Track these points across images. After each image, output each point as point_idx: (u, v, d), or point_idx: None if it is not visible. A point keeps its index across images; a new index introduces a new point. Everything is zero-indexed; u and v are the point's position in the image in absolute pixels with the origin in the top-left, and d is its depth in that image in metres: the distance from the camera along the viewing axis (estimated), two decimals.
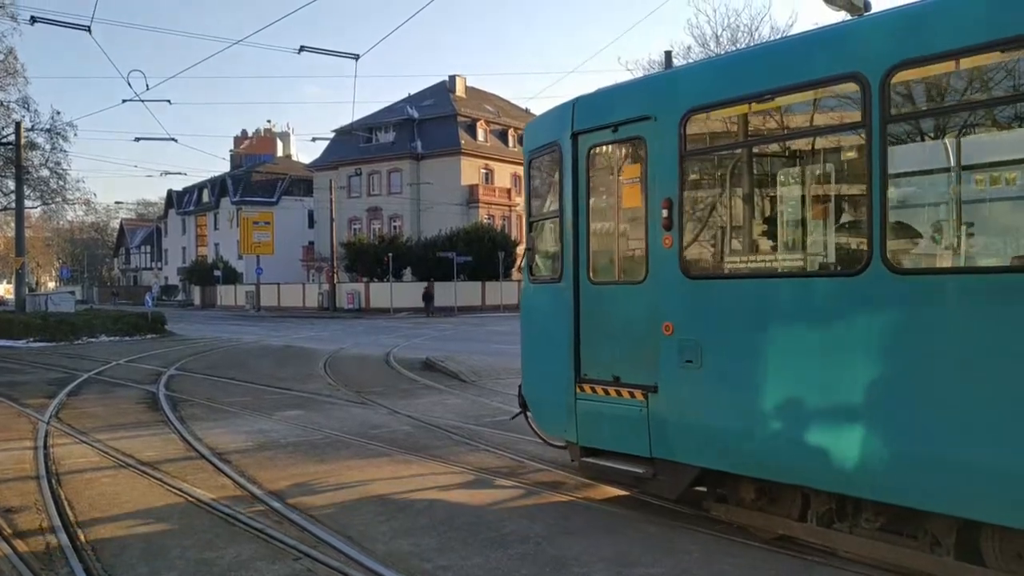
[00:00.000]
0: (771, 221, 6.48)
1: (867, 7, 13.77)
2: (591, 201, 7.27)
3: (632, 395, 6.76)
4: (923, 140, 5.59)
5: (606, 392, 7.03)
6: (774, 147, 6.65)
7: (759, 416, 5.84)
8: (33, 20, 18.46)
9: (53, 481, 8.21)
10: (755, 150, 6.63)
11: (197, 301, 74.83)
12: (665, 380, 6.48)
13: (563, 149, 7.39)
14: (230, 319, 49.91)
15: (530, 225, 8.27)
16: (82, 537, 6.45)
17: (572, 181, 7.28)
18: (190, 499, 7.52)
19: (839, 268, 5.73)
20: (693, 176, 6.66)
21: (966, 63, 4.95)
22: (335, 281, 55.45)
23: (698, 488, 6.71)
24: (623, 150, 7.14)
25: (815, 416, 5.50)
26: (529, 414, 8.39)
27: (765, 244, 6.39)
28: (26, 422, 11.96)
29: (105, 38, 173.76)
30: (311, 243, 72.08)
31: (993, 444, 4.60)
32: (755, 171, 6.57)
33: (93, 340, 29.54)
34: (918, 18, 5.14)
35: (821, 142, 6.17)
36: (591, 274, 7.24)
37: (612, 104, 7.15)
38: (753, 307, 5.99)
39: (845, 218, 5.98)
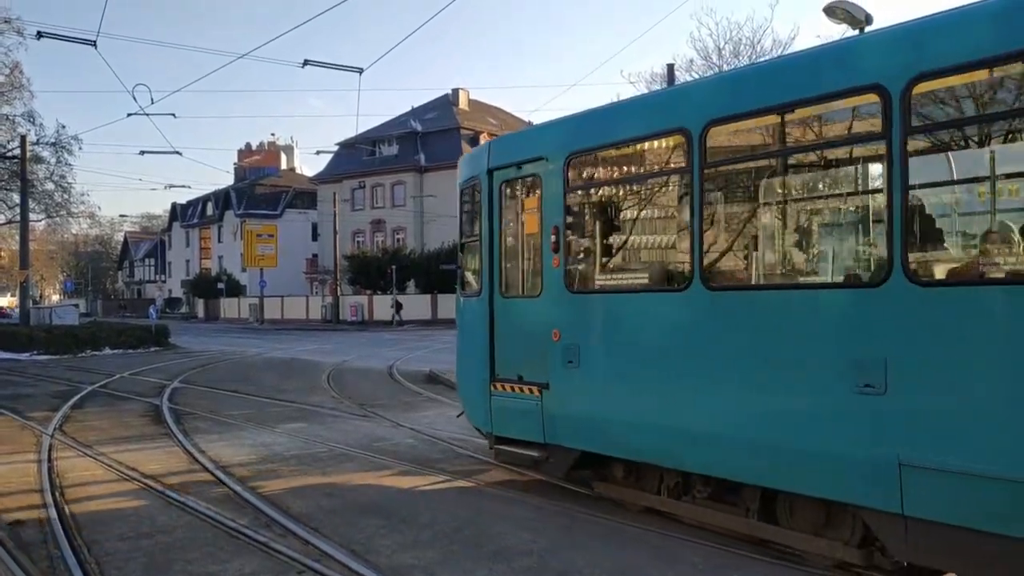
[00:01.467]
0: (623, 247, 8.00)
1: (868, 20, 13.85)
2: (503, 227, 8.66)
3: (531, 391, 8.04)
4: (725, 185, 7.04)
5: (512, 389, 8.34)
6: (628, 186, 8.09)
7: (620, 406, 7.15)
8: (39, 35, 18.55)
9: (57, 494, 8.22)
10: (616, 188, 8.05)
11: (201, 314, 74.91)
12: (553, 378, 7.77)
13: (482, 183, 8.74)
14: (234, 332, 49.95)
15: (461, 247, 9.56)
16: (86, 551, 6.45)
17: (488, 210, 8.67)
18: (194, 512, 7.52)
19: (672, 285, 7.06)
20: (574, 208, 7.96)
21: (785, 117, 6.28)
22: (339, 293, 55.50)
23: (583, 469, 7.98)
24: (525, 185, 8.44)
25: (657, 406, 6.79)
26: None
27: (621, 265, 7.96)
28: (30, 435, 11.98)
29: (111, 53, 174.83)
30: (315, 256, 72.19)
31: (775, 429, 5.90)
32: (617, 205, 8.08)
33: (97, 353, 29.62)
34: (733, 82, 6.94)
35: (655, 185, 7.85)
36: (502, 289, 8.60)
37: (518, 146, 8.61)
38: (613, 316, 7.37)
39: (674, 245, 7.47)
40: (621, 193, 8.07)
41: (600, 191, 8.07)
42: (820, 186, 6.65)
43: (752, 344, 6.09)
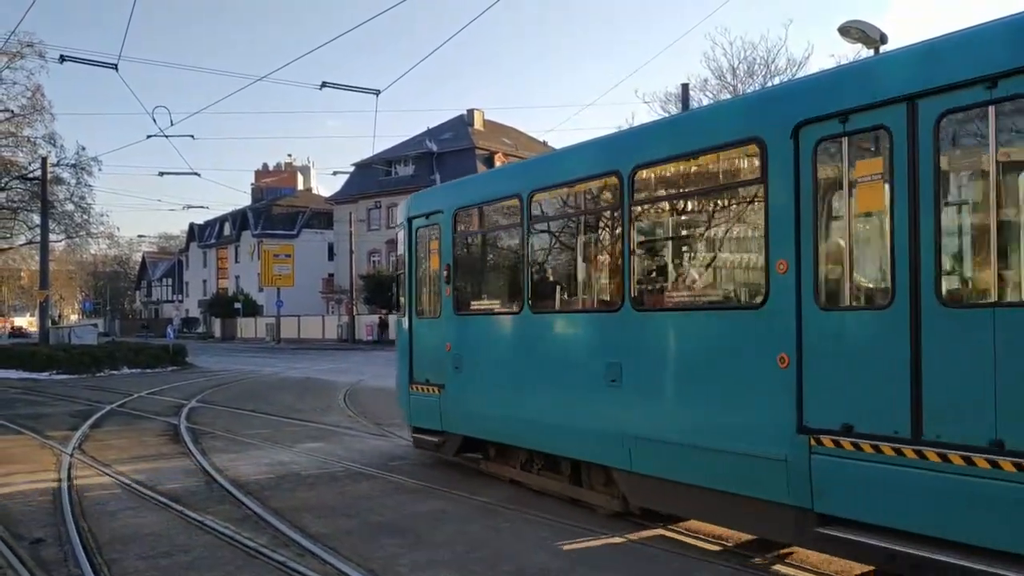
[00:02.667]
0: (485, 279, 10.47)
1: (883, 39, 13.88)
2: (418, 263, 11.02)
3: (433, 391, 10.37)
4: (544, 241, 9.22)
5: (423, 389, 10.67)
6: (488, 234, 10.42)
7: (487, 401, 9.49)
8: (62, 59, 18.81)
9: (76, 513, 8.26)
10: (481, 235, 10.45)
11: (218, 333, 75.31)
12: (447, 380, 10.10)
13: (405, 228, 11.16)
14: (250, 351, 50.17)
15: (396, 277, 12.24)
16: (105, 569, 6.49)
17: (408, 249, 11.10)
18: (212, 531, 7.55)
19: (515, 309, 9.07)
20: (459, 249, 10.25)
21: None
22: (354, 313, 55.67)
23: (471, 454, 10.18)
24: (430, 231, 10.68)
25: (507, 401, 9.05)
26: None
27: (481, 293, 10.21)
28: (50, 454, 12.07)
29: (131, 75, 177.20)
30: (331, 275, 72.53)
31: (569, 415, 8.06)
32: (483, 246, 10.51)
33: (115, 372, 29.82)
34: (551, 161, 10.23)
35: (504, 235, 9.96)
36: (418, 311, 11.00)
37: (428, 200, 11.04)
38: (480, 332, 9.69)
39: (512, 280, 9.48)
40: (484, 238, 10.50)
41: (472, 237, 10.53)
42: (593, 237, 8.60)
43: (555, 352, 8.47)
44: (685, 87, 25.81)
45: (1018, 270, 4.90)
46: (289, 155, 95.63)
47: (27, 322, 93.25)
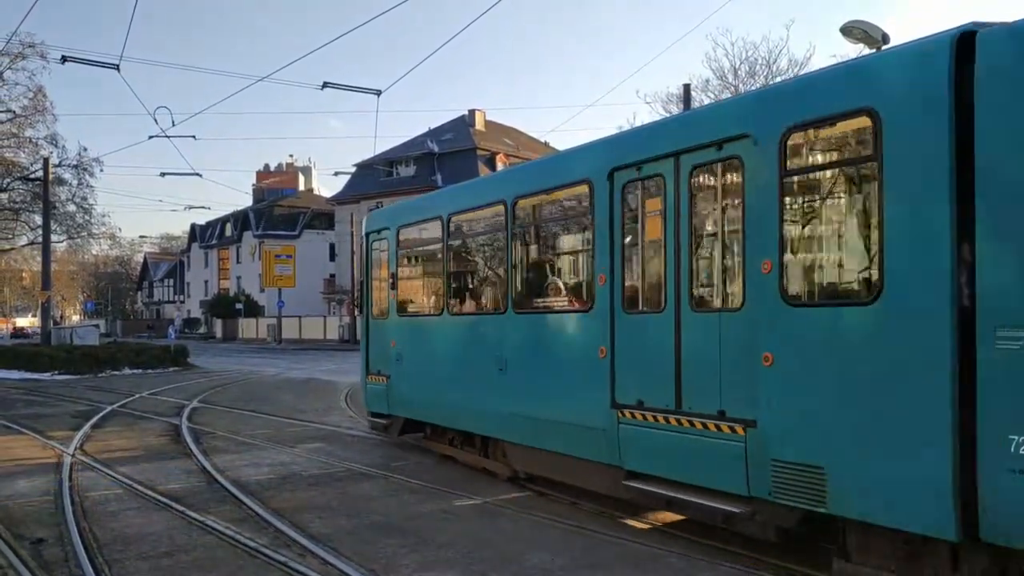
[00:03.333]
0: (418, 287, 12.13)
1: (885, 39, 13.85)
2: (372, 272, 12.98)
3: (382, 380, 12.22)
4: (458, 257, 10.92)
5: (374, 379, 12.56)
6: (419, 248, 12.01)
7: (420, 389, 11.33)
8: (64, 59, 18.81)
9: (78, 513, 8.26)
10: (417, 250, 12.06)
11: (219, 334, 75.31)
12: (392, 372, 11.95)
13: (365, 242, 13.12)
14: (252, 352, 50.19)
15: (361, 283, 14.53)
16: (107, 569, 6.48)
17: (365, 259, 13.28)
18: (213, 531, 7.54)
19: (437, 312, 10.97)
20: (400, 261, 12.08)
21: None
22: (356, 313, 55.65)
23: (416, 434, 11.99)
24: (380, 244, 12.58)
25: (434, 388, 10.92)
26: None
27: (415, 299, 12.04)
28: (51, 454, 12.06)
29: (133, 76, 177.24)
30: (332, 276, 72.50)
31: (473, 399, 9.93)
32: (417, 260, 12.19)
33: (116, 373, 29.80)
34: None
35: (431, 248, 11.46)
36: (372, 313, 12.92)
37: (380, 218, 12.99)
38: (412, 331, 11.68)
39: (436, 288, 11.26)
40: (418, 252, 12.13)
41: (409, 251, 12.22)
42: (490, 252, 10.28)
43: (464, 348, 10.31)
44: (687, 87, 25.82)
45: (735, 285, 6.56)
46: (290, 155, 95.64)
47: (29, 323, 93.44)
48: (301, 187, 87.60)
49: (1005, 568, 5.04)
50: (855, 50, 23.48)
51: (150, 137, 58.64)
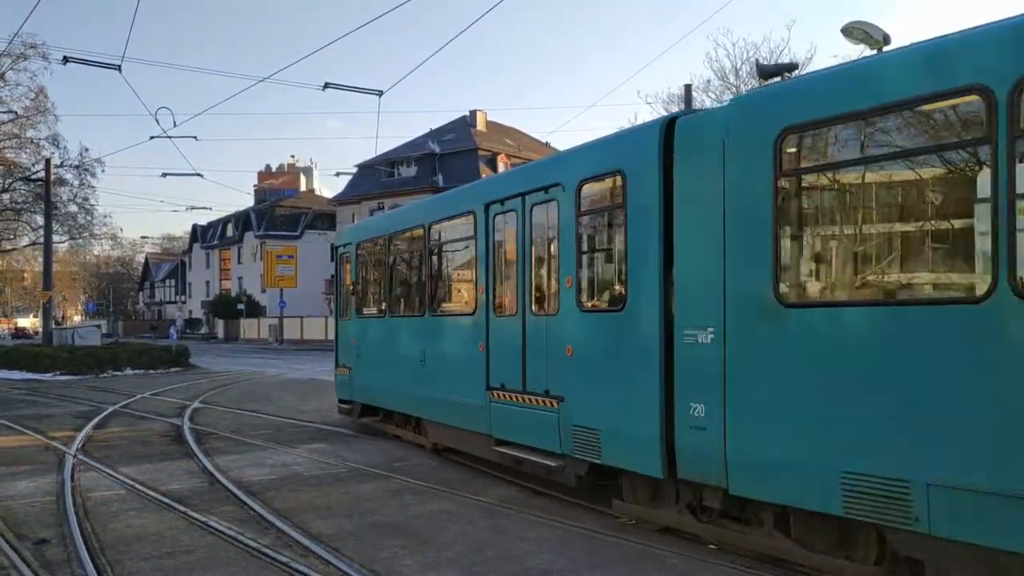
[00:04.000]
0: (370, 293, 14.47)
1: (887, 40, 13.84)
2: (342, 279, 15.63)
3: (346, 372, 14.87)
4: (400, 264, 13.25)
5: (341, 371, 15.23)
6: (377, 259, 14.02)
7: (373, 378, 13.73)
8: (65, 60, 18.83)
9: (80, 514, 8.27)
10: (370, 262, 14.40)
11: (220, 334, 75.32)
12: (353, 364, 14.53)
13: (337, 253, 16.02)
14: (253, 352, 50.22)
15: (336, 289, 17.26)
16: (109, 570, 6.49)
17: (336, 269, 16.51)
18: (215, 532, 7.55)
19: (382, 314, 13.53)
20: (359, 271, 14.62)
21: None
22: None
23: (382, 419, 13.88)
24: (346, 256, 15.15)
25: (380, 377, 13.35)
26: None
27: (368, 303, 14.42)
28: (53, 455, 12.07)
29: (134, 76, 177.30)
30: (334, 276, 72.41)
31: (404, 387, 12.34)
32: (370, 270, 14.55)
33: (118, 373, 29.80)
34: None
35: (380, 261, 13.77)
36: (341, 314, 15.71)
37: (346, 234, 16.06)
38: (368, 330, 14.09)
39: (381, 294, 13.73)
40: (371, 264, 14.39)
41: (365, 262, 14.54)
42: (419, 265, 12.16)
43: (399, 344, 12.63)
44: (688, 88, 25.83)
45: (553, 295, 8.63)
46: (292, 156, 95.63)
47: (30, 323, 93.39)
48: (303, 188, 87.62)
49: (701, 496, 6.94)
50: (856, 51, 23.46)
51: (152, 137, 58.34)
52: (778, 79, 7.40)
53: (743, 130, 6.30)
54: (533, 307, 8.94)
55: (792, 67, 7.91)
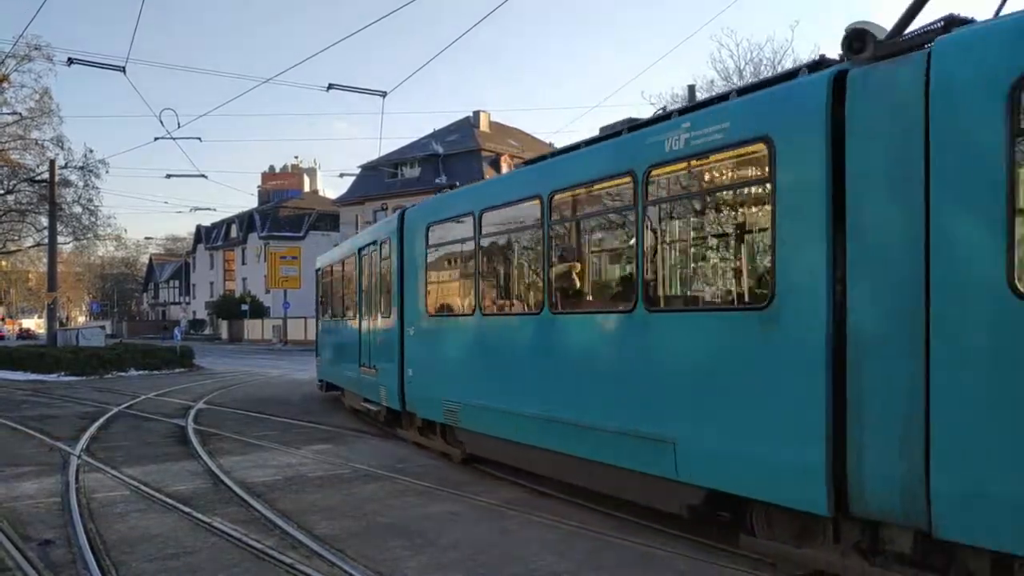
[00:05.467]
0: (333, 302, 19.52)
1: None
2: (321, 292, 22.01)
3: (318, 359, 21.26)
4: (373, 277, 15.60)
5: (317, 359, 21.69)
6: (327, 279, 20.41)
7: (330, 363, 19.49)
8: (70, 62, 18.84)
9: (84, 515, 8.28)
10: (331, 279, 19.88)
11: (225, 335, 75.40)
12: (322, 354, 20.86)
13: (315, 274, 22.38)
14: (257, 353, 50.26)
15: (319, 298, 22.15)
16: (114, 571, 6.50)
17: (316, 284, 23.10)
18: (220, 533, 7.56)
19: (332, 318, 19.49)
20: (324, 286, 21.44)
21: None
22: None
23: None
24: (321, 274, 21.31)
25: (333, 362, 18.97)
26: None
27: (331, 309, 19.96)
28: (57, 456, 12.09)
29: (139, 77, 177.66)
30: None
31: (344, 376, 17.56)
32: (333, 285, 19.49)
33: (122, 374, 29.82)
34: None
35: (345, 276, 18.08)
36: (322, 316, 21.35)
37: (320, 260, 21.24)
38: (328, 329, 20.39)
39: (344, 301, 18.14)
40: (332, 280, 19.06)
41: (327, 280, 19.90)
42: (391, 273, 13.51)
43: (339, 338, 17.93)
44: (691, 88, 25.85)
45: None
46: (296, 157, 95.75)
47: (35, 324, 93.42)
48: (306, 188, 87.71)
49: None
50: None
51: (156, 139, 58.84)
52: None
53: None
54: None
55: None
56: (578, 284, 8.69)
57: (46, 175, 36.74)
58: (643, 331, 7.27)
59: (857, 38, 5.79)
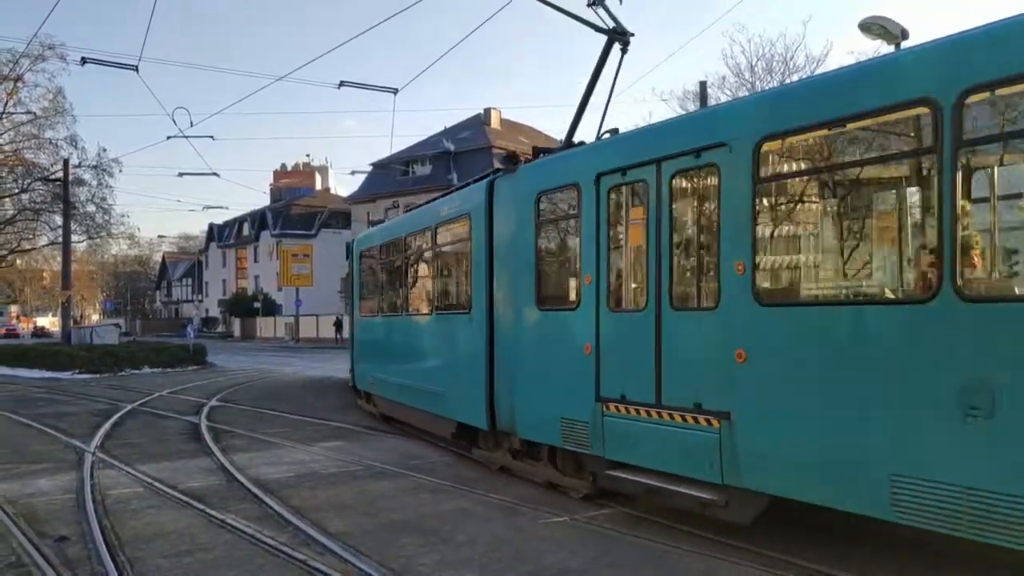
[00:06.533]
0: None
1: (904, 36, 13.71)
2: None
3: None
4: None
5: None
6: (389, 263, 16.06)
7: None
8: (83, 61, 18.89)
9: (99, 511, 8.33)
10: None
11: (237, 333, 75.68)
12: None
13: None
14: (270, 350, 50.43)
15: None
16: (129, 568, 6.53)
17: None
18: (233, 530, 7.58)
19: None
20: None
21: None
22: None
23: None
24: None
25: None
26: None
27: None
28: (72, 453, 12.16)
29: (151, 76, 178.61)
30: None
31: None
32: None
33: (136, 372, 29.97)
34: None
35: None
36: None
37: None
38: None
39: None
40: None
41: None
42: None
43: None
44: (703, 84, 25.70)
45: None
46: (307, 155, 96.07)
47: (49, 322, 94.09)
48: (318, 186, 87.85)
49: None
50: (873, 46, 23.28)
51: (168, 137, 58.77)
52: None
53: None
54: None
55: None
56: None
57: (60, 174, 36.98)
58: (433, 326, 12.23)
59: (509, 159, 10.98)
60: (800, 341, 6.06)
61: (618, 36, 9.89)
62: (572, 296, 8.58)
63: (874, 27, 13.68)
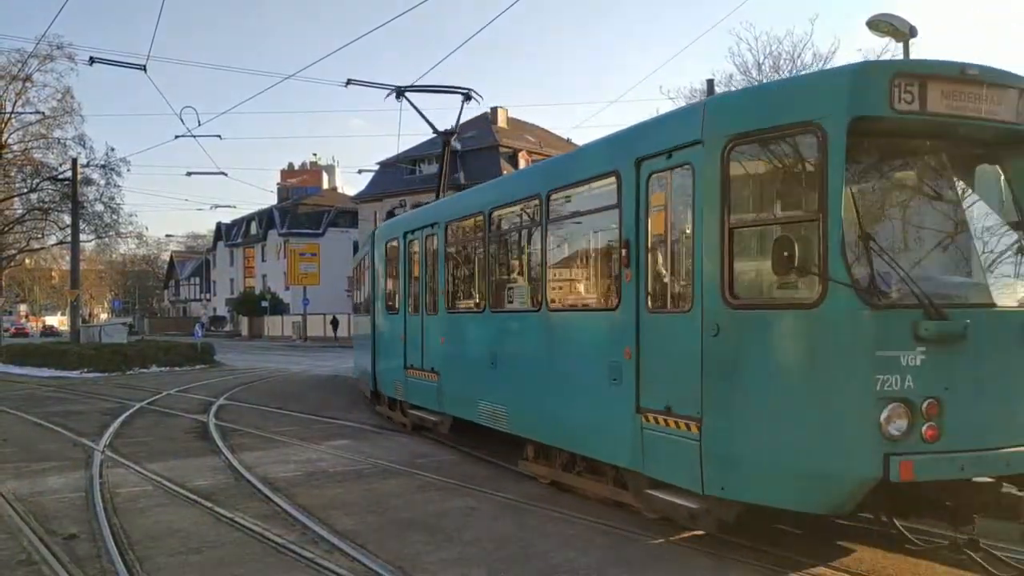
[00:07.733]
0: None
1: (913, 33, 13.66)
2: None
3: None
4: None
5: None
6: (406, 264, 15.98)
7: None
8: (92, 61, 19.03)
9: (108, 509, 8.36)
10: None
11: (245, 332, 75.83)
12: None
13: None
14: (277, 349, 50.53)
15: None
16: (138, 566, 6.55)
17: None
18: (241, 528, 7.61)
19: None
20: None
21: None
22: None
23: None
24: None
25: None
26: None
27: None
28: (81, 451, 12.21)
29: (159, 76, 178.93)
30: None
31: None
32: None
33: (144, 370, 30.05)
34: None
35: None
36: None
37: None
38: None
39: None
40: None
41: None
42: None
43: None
44: (710, 82, 25.60)
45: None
46: (314, 154, 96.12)
47: (58, 321, 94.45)
48: (325, 185, 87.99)
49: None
50: (881, 44, 23.19)
51: (176, 137, 59.31)
52: None
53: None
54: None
55: None
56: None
57: (68, 173, 37.13)
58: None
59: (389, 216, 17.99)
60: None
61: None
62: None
63: (882, 24, 13.63)
